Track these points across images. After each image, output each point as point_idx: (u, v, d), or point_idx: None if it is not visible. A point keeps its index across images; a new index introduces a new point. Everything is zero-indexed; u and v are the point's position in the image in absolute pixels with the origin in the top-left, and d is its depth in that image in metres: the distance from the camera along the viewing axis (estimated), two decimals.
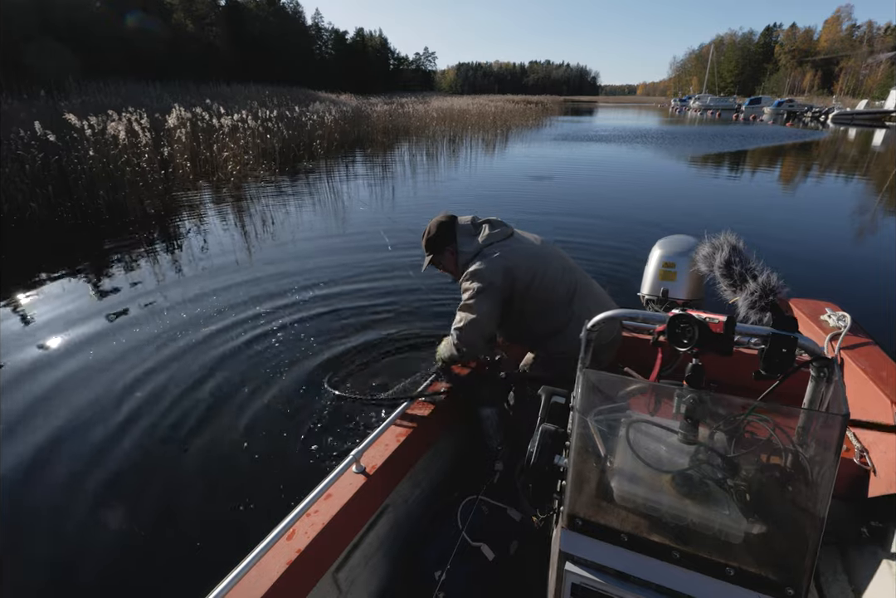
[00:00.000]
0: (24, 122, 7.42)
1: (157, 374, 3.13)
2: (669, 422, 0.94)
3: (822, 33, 75.07)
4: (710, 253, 1.14)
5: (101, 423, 2.68)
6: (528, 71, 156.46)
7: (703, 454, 0.90)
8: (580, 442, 0.96)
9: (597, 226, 6.36)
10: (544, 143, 17.31)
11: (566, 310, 1.78)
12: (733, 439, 0.90)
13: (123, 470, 2.37)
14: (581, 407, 0.96)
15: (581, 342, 1.13)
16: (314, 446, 2.46)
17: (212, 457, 2.46)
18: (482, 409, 1.87)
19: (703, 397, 0.90)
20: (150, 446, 2.53)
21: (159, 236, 6.16)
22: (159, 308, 4.07)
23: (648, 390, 1.02)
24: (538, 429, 1.19)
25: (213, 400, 2.88)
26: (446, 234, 1.83)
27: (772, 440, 0.88)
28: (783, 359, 0.93)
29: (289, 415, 2.72)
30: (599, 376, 0.96)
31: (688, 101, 62.94)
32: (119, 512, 2.13)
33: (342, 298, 4.21)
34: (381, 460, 1.50)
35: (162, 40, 33.45)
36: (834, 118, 34.54)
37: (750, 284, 1.04)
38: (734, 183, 10.30)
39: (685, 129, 27.45)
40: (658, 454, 0.92)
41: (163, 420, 2.72)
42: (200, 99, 14.46)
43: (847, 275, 4.92)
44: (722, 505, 0.85)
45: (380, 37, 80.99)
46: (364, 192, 8.77)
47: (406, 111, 21.53)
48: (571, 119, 35.19)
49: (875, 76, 55.26)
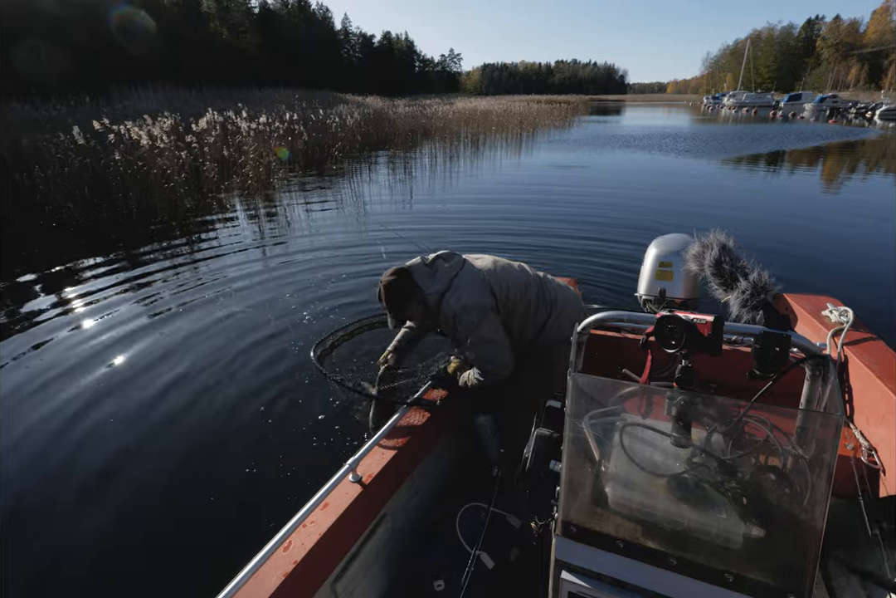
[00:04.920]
0: (68, 127, 7.84)
1: (168, 374, 3.17)
2: (664, 424, 0.92)
3: (869, 25, 71.39)
4: (700, 252, 1.12)
5: (85, 423, 2.70)
6: (553, 71, 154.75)
7: (698, 457, 0.88)
8: (573, 447, 0.95)
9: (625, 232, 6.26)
10: (568, 143, 17.07)
11: (543, 305, 1.84)
12: (730, 441, 0.88)
13: (114, 481, 2.33)
14: (572, 412, 0.94)
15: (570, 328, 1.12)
16: (310, 454, 2.43)
17: (204, 467, 2.43)
18: (478, 414, 1.86)
19: (693, 398, 0.89)
20: (143, 454, 2.51)
21: (184, 236, 6.40)
22: (174, 305, 4.20)
23: (640, 393, 1.00)
24: (533, 434, 1.19)
25: (213, 406, 2.85)
26: (409, 283, 1.75)
27: (769, 441, 0.86)
28: (776, 358, 0.91)
29: (284, 423, 2.68)
30: (589, 379, 0.95)
31: (721, 98, 60.92)
32: (111, 524, 2.10)
33: (351, 296, 4.29)
34: (379, 469, 1.48)
35: (197, 47, 34.54)
36: (882, 114, 32.63)
37: (741, 282, 1.03)
38: (765, 184, 9.96)
39: (719, 128, 26.47)
40: (653, 458, 0.91)
41: (157, 424, 2.70)
42: (232, 103, 14.91)
43: (853, 270, 4.78)
44: (719, 509, 0.83)
45: (406, 40, 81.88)
46: (380, 193, 8.88)
47: (428, 113, 21.60)
48: (597, 119, 34.58)
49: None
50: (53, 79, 18.38)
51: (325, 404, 2.77)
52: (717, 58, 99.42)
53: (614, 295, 4.11)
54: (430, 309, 1.77)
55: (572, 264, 4.90)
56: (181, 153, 8.42)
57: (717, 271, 1.07)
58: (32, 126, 9.68)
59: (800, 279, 4.40)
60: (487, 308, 1.70)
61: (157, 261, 5.40)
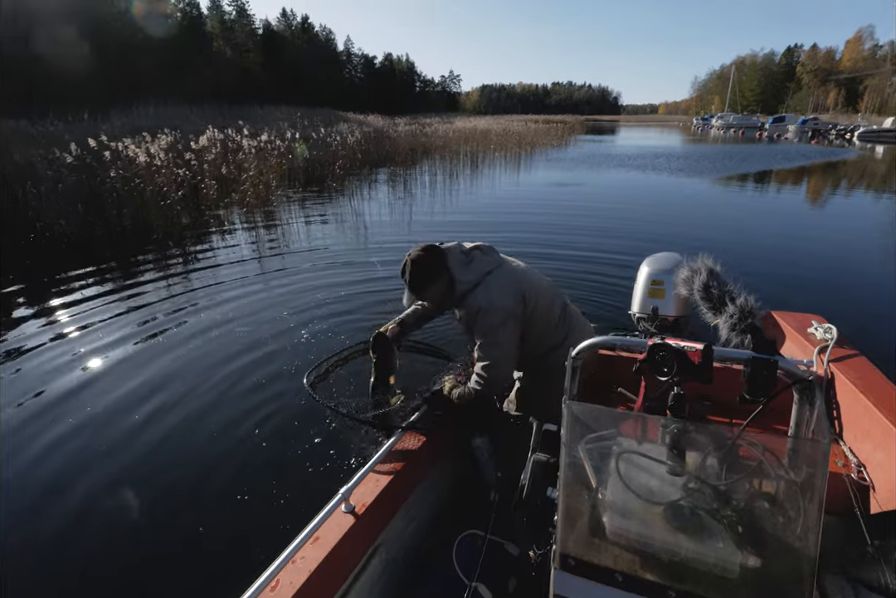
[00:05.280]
0: (66, 143, 7.82)
1: (156, 395, 3.06)
2: (659, 450, 0.93)
3: (844, 53, 74.28)
4: (689, 277, 1.16)
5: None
6: (550, 92, 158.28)
7: (693, 483, 0.88)
8: (570, 475, 0.95)
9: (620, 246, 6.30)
10: (565, 162, 17.33)
11: (562, 327, 1.82)
12: (724, 465, 0.88)
13: (90, 510, 2.20)
14: (568, 440, 0.95)
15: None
16: (302, 482, 2.32)
17: (189, 497, 2.29)
18: (474, 438, 1.82)
19: (687, 426, 0.90)
20: (123, 481, 2.40)
21: (179, 254, 6.31)
22: (164, 325, 4.09)
23: (635, 419, 1.02)
24: (529, 459, 1.19)
25: (200, 430, 2.74)
26: (439, 264, 1.70)
27: (762, 465, 0.86)
28: (765, 382, 0.94)
29: (276, 450, 2.57)
30: (584, 408, 0.95)
31: (710, 119, 62.50)
32: (86, 558, 1.98)
33: (349, 316, 4.22)
34: (372, 497, 1.43)
35: (200, 66, 35.09)
36: (860, 136, 33.81)
37: (729, 307, 1.06)
38: (754, 202, 10.22)
39: (708, 148, 27.08)
40: (649, 484, 0.91)
41: (140, 449, 2.60)
42: (233, 121, 15.04)
43: (836, 287, 4.91)
44: (716, 538, 0.83)
45: (407, 61, 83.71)
46: (380, 211, 8.90)
47: (428, 131, 21.90)
48: (593, 138, 35.23)
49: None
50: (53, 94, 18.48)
51: (319, 429, 2.66)
52: (705, 81, 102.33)
53: (609, 312, 4.14)
54: (453, 296, 1.72)
55: (569, 280, 4.90)
56: (179, 171, 8.40)
57: (706, 296, 1.11)
58: (28, 142, 9.64)
59: (786, 296, 4.51)
60: (513, 313, 1.66)
61: (150, 278, 5.30)
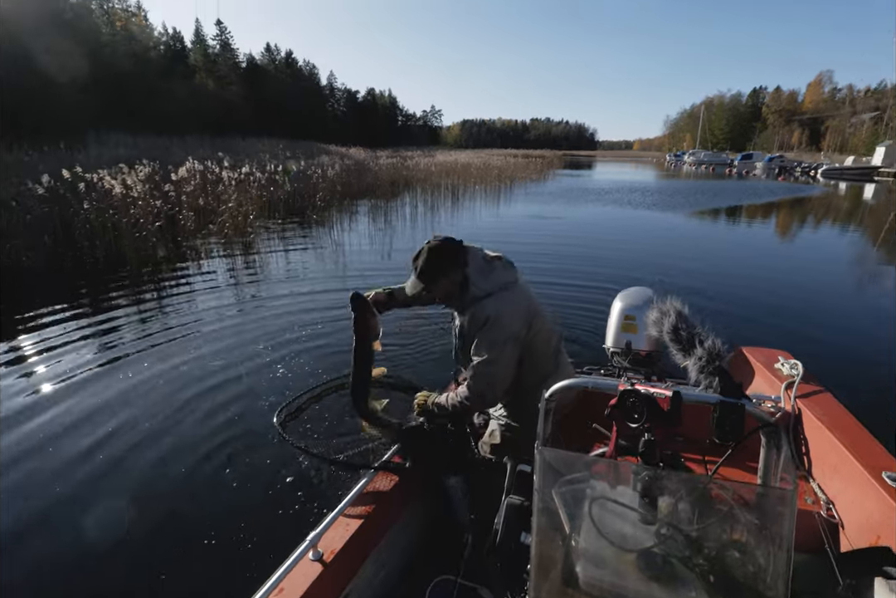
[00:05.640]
0: (40, 173, 7.69)
1: (117, 433, 2.93)
2: (632, 495, 0.92)
3: (805, 95, 79.59)
4: (659, 318, 1.20)
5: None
6: (529, 127, 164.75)
7: (666, 529, 0.87)
8: (543, 521, 0.93)
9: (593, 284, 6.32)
10: (544, 196, 17.75)
11: (553, 363, 1.78)
12: (696, 510, 0.88)
13: (22, 562, 2.04)
14: (540, 486, 0.94)
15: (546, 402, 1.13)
16: (269, 526, 2.20)
17: (144, 544, 2.13)
18: (447, 477, 1.73)
19: (658, 474, 0.90)
20: (69, 524, 2.24)
21: (152, 285, 6.20)
22: (131, 357, 3.96)
23: (606, 464, 1.02)
24: (503, 502, 1.19)
25: (162, 469, 2.61)
26: (457, 259, 1.65)
27: (733, 511, 0.86)
28: (733, 426, 0.96)
29: (242, 492, 2.44)
30: (557, 454, 0.95)
31: (682, 156, 65.54)
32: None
33: (327, 348, 4.13)
34: (342, 543, 1.36)
35: (182, 98, 35.49)
36: (823, 173, 35.76)
37: (697, 349, 1.10)
38: (725, 236, 10.58)
39: (681, 183, 28.19)
40: (623, 531, 0.89)
41: (92, 489, 2.46)
42: (214, 152, 15.06)
43: (803, 321, 5.00)
44: (688, 586, 0.82)
45: (389, 96, 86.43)
46: (360, 242, 8.92)
47: (409, 164, 22.29)
48: (571, 173, 36.38)
49: (860, 134, 57.69)
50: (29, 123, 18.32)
51: (289, 469, 2.54)
52: (676, 120, 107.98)
53: (583, 346, 4.11)
54: (462, 298, 1.67)
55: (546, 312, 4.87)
56: (156, 202, 8.29)
57: (675, 338, 1.15)
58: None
59: (755, 329, 4.64)
60: (517, 335, 1.63)
61: (119, 309, 5.17)
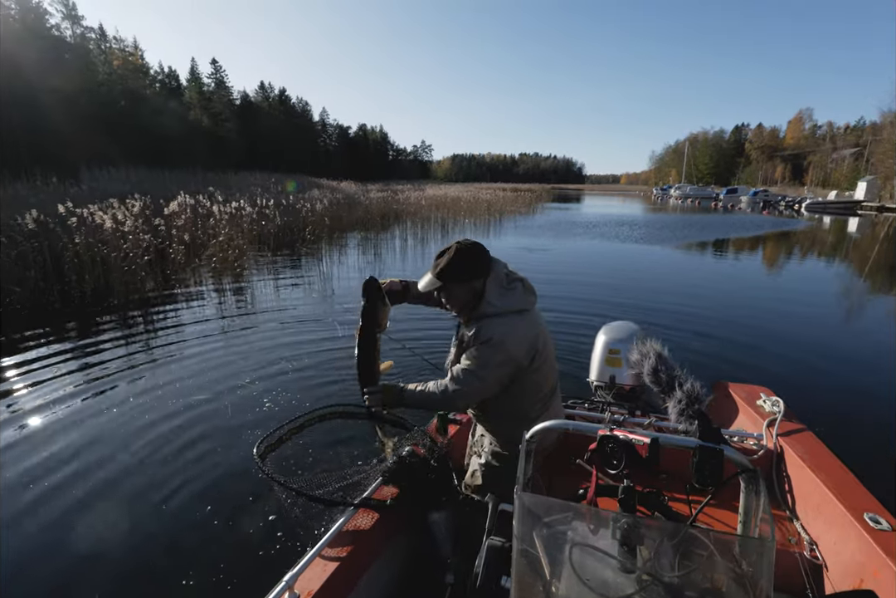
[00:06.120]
0: (32, 207, 7.72)
1: (100, 465, 2.91)
2: (611, 542, 0.90)
3: (787, 132, 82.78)
4: (639, 360, 1.26)
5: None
6: (518, 161, 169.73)
7: (647, 576, 0.86)
8: (523, 566, 0.92)
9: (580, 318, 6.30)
10: (532, 229, 18.04)
11: (545, 402, 1.70)
12: (677, 555, 0.87)
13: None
14: (520, 532, 0.93)
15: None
16: (245, 566, 2.13)
17: (113, 583, 2.08)
18: (430, 513, 1.65)
19: (637, 521, 0.90)
20: (38, 563, 2.19)
21: (139, 317, 6.19)
22: (113, 388, 3.99)
23: (586, 511, 1.00)
24: (484, 544, 1.17)
25: (136, 502, 2.57)
26: (482, 268, 1.58)
27: (713, 557, 0.85)
28: (712, 471, 0.96)
29: (218, 529, 2.38)
30: (536, 499, 0.95)
31: (668, 190, 67.49)
32: None
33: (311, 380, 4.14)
34: (319, 584, 1.30)
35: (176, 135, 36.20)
36: (807, 207, 36.86)
37: (677, 392, 1.13)
38: (712, 270, 10.70)
39: (668, 217, 28.82)
40: (604, 577, 0.88)
41: (63, 524, 2.41)
42: (205, 186, 15.23)
43: (787, 359, 4.99)
44: None
45: (380, 131, 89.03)
46: (349, 275, 8.95)
47: (399, 198, 22.66)
48: (559, 206, 37.23)
49: (841, 169, 59.83)
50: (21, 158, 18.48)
51: (268, 505, 2.46)
52: (662, 155, 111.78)
53: (568, 378, 4.01)
54: (473, 309, 1.59)
55: None
56: (146, 236, 8.30)
57: (656, 380, 1.19)
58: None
59: (739, 363, 4.70)
60: (516, 362, 1.56)
61: (104, 341, 5.12)
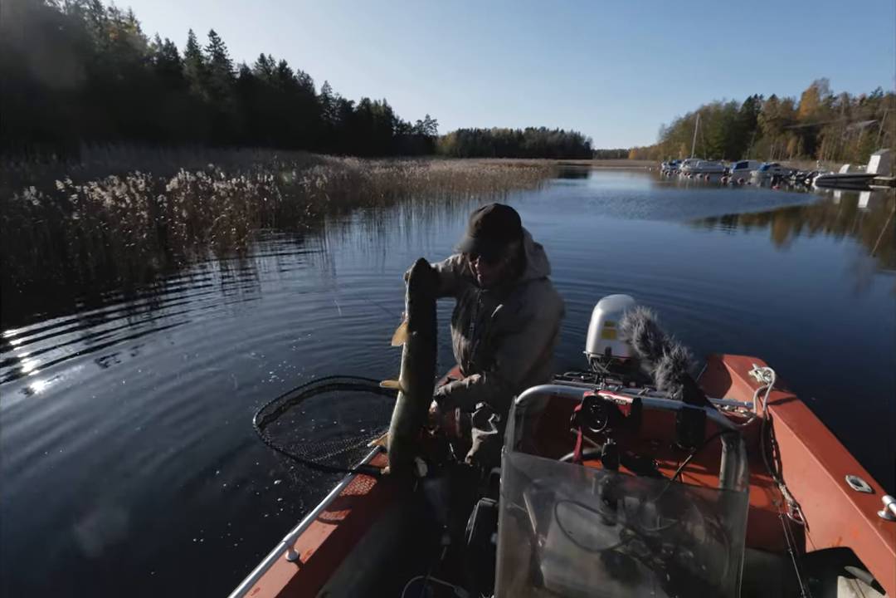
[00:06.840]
0: (30, 185, 7.68)
1: (103, 436, 2.97)
2: (595, 498, 0.94)
3: (801, 104, 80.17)
4: (629, 327, 1.23)
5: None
6: (524, 136, 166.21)
7: (630, 530, 0.90)
8: (509, 523, 0.96)
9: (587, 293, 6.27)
10: (538, 205, 17.73)
11: (551, 366, 1.76)
12: (658, 511, 0.90)
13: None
14: (506, 490, 0.96)
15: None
16: (245, 530, 2.19)
17: (118, 546, 2.13)
18: (426, 480, 1.70)
19: (619, 477, 0.94)
20: (43, 525, 2.27)
21: (142, 294, 6.22)
22: (118, 360, 4.06)
23: (571, 469, 1.04)
24: (477, 505, 1.22)
25: (136, 472, 2.64)
26: (519, 229, 1.54)
27: (693, 511, 0.88)
28: (695, 432, 0.99)
29: (217, 496, 2.44)
30: (524, 458, 0.97)
31: (678, 164, 66.05)
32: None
33: (314, 354, 4.19)
34: (318, 544, 1.35)
35: (176, 110, 35.58)
36: (818, 181, 36.05)
37: (664, 357, 1.13)
38: (720, 246, 10.57)
39: (677, 193, 28.22)
40: (589, 531, 0.92)
41: (68, 490, 2.49)
42: (207, 163, 15.05)
43: (788, 334, 4.97)
44: (648, 585, 0.85)
45: (384, 106, 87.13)
46: (353, 251, 8.90)
47: (404, 174, 22.31)
48: (566, 182, 36.49)
49: (855, 143, 58.07)
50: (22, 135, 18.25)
51: (268, 472, 2.54)
52: (672, 129, 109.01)
53: (566, 351, 3.97)
54: (514, 275, 1.55)
55: None
56: (144, 213, 8.26)
57: (644, 346, 1.18)
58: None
59: (734, 336, 4.78)
60: (554, 328, 1.62)
61: (109, 316, 5.17)
